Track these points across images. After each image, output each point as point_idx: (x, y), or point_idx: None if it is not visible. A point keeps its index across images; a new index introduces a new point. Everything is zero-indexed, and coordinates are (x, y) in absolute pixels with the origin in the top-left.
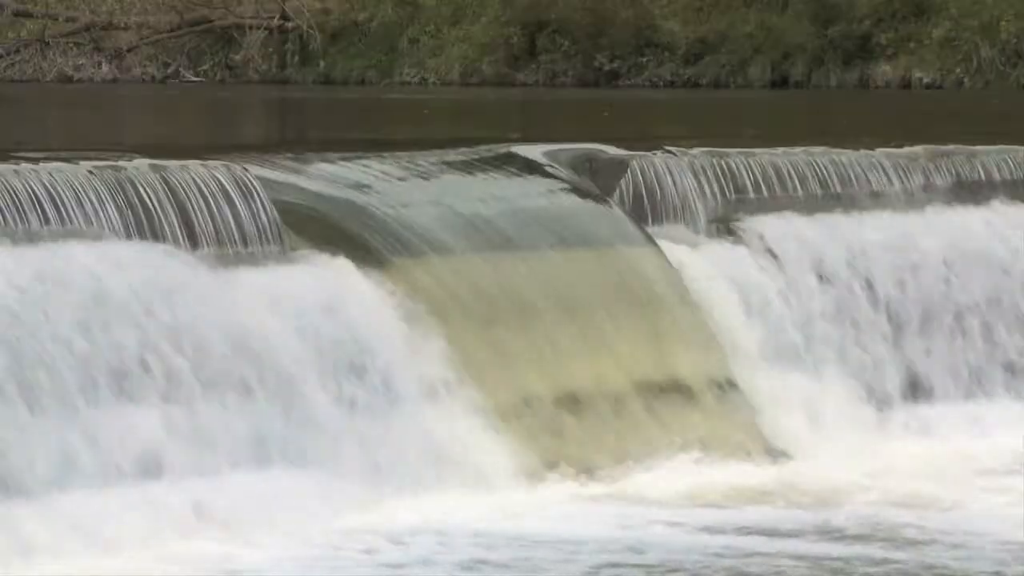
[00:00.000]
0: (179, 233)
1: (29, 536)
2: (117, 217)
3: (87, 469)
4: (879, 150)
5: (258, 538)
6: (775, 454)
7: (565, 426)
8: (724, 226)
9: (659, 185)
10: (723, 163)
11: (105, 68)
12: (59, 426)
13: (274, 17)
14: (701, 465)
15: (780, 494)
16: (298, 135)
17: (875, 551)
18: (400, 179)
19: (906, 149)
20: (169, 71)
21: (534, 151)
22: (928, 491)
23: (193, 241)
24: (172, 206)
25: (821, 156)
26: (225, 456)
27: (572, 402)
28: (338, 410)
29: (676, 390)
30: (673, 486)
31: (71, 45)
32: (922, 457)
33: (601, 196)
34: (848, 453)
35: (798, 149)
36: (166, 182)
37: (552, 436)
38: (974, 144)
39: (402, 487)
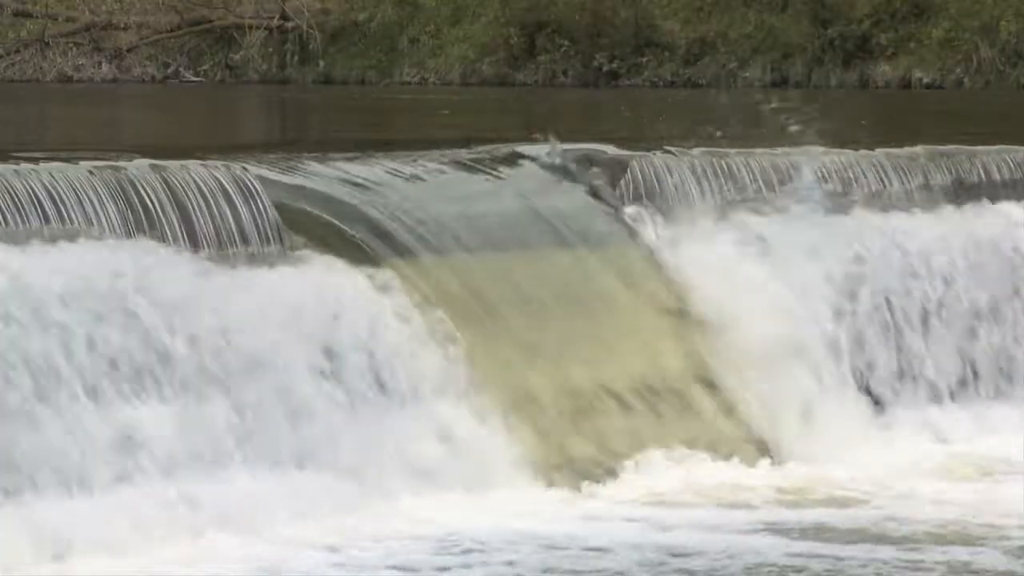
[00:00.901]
0: (179, 233)
1: (32, 536)
2: (117, 217)
3: (87, 468)
4: (879, 150)
5: (259, 538)
6: (774, 454)
7: (566, 426)
8: (724, 226)
9: (659, 185)
10: (723, 163)
11: (105, 68)
12: (59, 424)
13: (274, 17)
14: (700, 465)
15: (781, 493)
16: (307, 135)
17: (877, 549)
18: (402, 179)
19: (906, 149)
20: (169, 71)
21: (537, 151)
22: (927, 490)
23: (193, 241)
24: (172, 206)
25: (821, 156)
26: (226, 455)
27: (573, 402)
28: (339, 409)
29: (676, 390)
30: (672, 486)
31: (71, 45)
32: (922, 457)
33: (601, 196)
34: (848, 453)
35: (799, 149)
36: (166, 182)
37: (553, 437)
38: (974, 144)
39: (404, 487)
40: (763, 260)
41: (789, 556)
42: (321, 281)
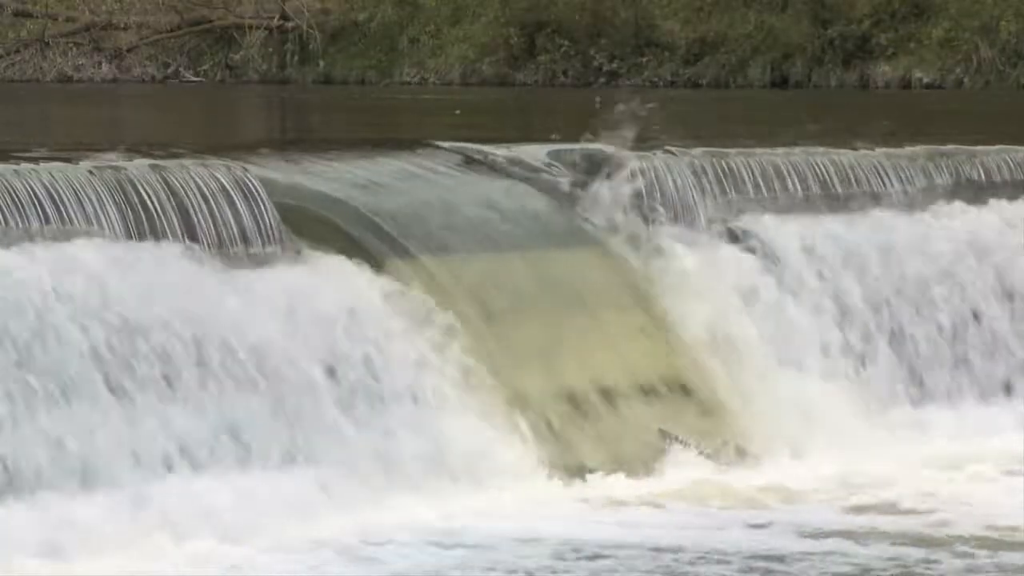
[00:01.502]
0: (179, 233)
1: (28, 536)
2: (117, 217)
3: (89, 469)
4: (879, 150)
5: (263, 539)
6: (771, 453)
7: (564, 426)
8: (724, 226)
9: (659, 185)
10: (723, 163)
11: (105, 68)
12: (60, 425)
13: (274, 17)
14: (696, 465)
15: (776, 493)
16: (307, 135)
17: (877, 548)
18: (402, 179)
19: (906, 149)
20: (169, 71)
21: (538, 151)
22: (925, 489)
23: (194, 241)
24: (172, 206)
25: (821, 156)
26: (229, 456)
27: (571, 402)
28: (342, 409)
29: (674, 390)
30: (668, 486)
31: (71, 45)
32: (921, 457)
33: (601, 196)
34: (846, 453)
35: (798, 149)
36: (166, 182)
37: (550, 436)
38: (974, 144)
39: (406, 486)
40: (762, 259)
41: (801, 555)
42: (323, 281)
